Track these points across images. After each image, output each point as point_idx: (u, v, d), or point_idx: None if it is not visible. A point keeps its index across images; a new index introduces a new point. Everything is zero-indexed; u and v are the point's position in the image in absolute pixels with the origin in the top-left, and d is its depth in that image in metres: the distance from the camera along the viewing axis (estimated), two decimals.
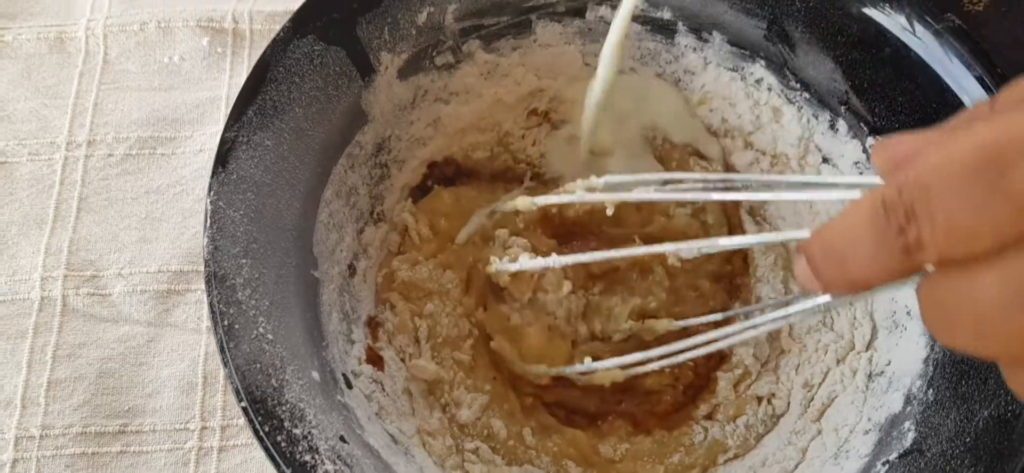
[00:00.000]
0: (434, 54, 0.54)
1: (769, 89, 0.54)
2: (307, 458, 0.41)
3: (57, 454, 0.50)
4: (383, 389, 0.49)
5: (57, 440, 0.51)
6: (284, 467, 0.40)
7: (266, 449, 0.40)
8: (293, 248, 0.47)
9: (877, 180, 0.30)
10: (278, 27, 0.63)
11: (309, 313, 0.47)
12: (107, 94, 0.62)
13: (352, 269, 0.52)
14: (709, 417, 0.52)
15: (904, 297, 0.48)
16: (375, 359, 0.51)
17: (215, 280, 0.44)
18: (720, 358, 0.54)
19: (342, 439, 0.43)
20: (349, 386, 0.48)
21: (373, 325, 0.52)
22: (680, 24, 0.55)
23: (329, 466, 0.41)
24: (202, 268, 0.54)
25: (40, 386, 0.52)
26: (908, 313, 0.48)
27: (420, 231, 0.55)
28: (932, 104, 0.48)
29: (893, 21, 0.48)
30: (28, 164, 0.59)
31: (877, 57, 0.49)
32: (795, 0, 0.51)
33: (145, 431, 0.51)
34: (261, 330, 0.43)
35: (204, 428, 0.52)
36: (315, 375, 0.45)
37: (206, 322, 0.54)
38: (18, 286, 0.55)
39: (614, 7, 0.52)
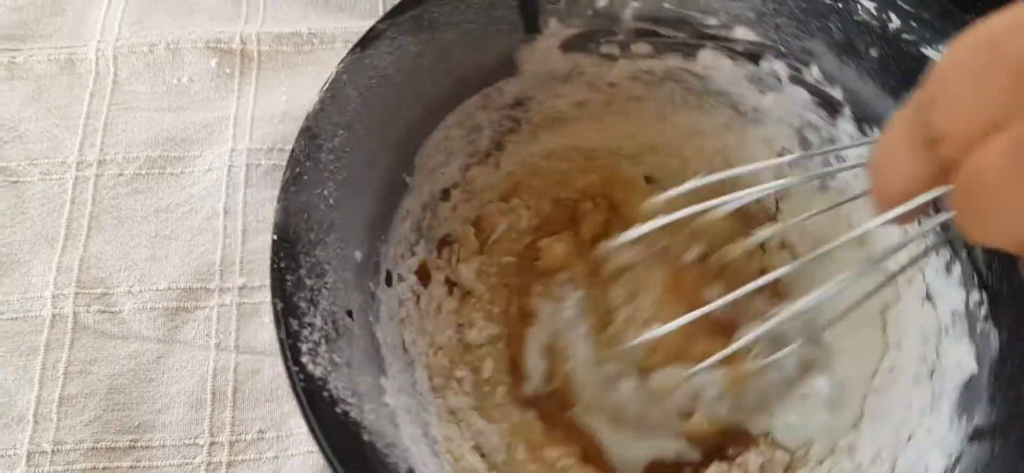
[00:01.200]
0: (602, 41, 0.54)
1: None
2: (302, 305, 0.42)
3: (69, 469, 0.51)
4: (417, 302, 0.52)
5: (68, 455, 0.52)
6: (276, 299, 0.41)
7: (272, 280, 0.41)
8: (395, 148, 0.49)
9: None
10: (286, 48, 0.66)
11: (383, 206, 0.49)
12: (117, 114, 0.63)
13: (446, 194, 0.54)
14: None
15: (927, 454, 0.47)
16: (425, 275, 0.54)
17: (306, 135, 0.46)
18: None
19: (349, 313, 0.43)
20: (388, 283, 0.49)
21: (442, 245, 0.54)
22: (848, 109, 0.52)
23: (318, 322, 0.41)
24: (210, 286, 0.57)
25: (52, 402, 0.53)
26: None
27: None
28: None
29: None
30: (39, 183, 0.60)
31: None
32: None
33: (155, 446, 0.52)
34: (326, 192, 0.45)
35: (213, 443, 0.53)
36: (358, 255, 0.46)
37: (215, 339, 0.55)
38: (30, 303, 0.56)
39: (794, 68, 0.52)
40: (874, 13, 0.49)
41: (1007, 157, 0.26)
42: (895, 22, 0.49)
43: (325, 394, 0.41)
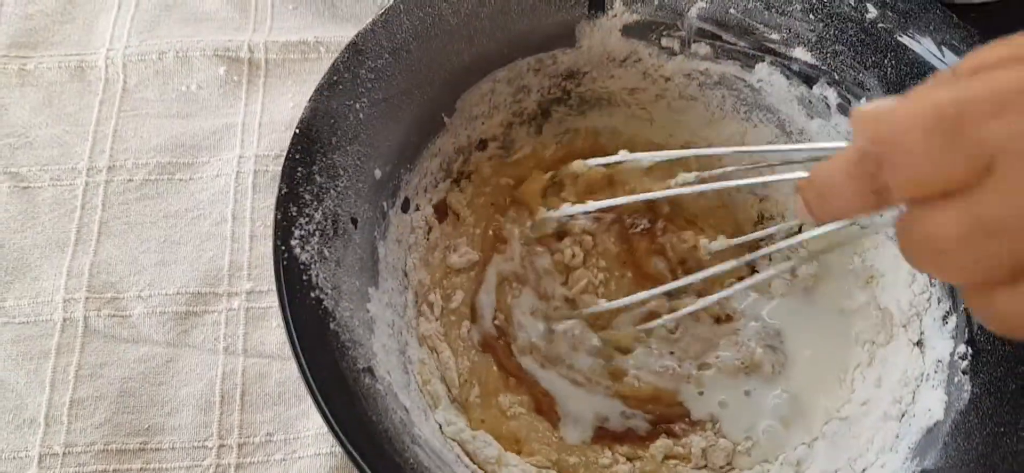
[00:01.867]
0: (664, 33, 0.56)
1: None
2: (306, 197, 0.44)
3: (79, 471, 0.52)
4: (427, 234, 0.54)
5: (79, 457, 0.52)
6: (283, 183, 0.44)
7: (284, 166, 0.44)
8: (439, 86, 0.51)
9: None
10: (293, 56, 0.67)
11: (414, 136, 0.51)
12: (126, 121, 0.64)
13: (483, 145, 0.56)
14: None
15: None
16: (442, 212, 0.56)
17: (352, 49, 0.48)
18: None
19: (353, 221, 0.46)
20: (405, 209, 0.52)
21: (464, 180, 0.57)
22: None
23: (318, 217, 0.44)
24: (219, 290, 0.57)
25: (63, 405, 0.54)
26: None
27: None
28: None
29: None
30: (50, 189, 0.61)
31: None
32: None
33: (164, 449, 0.53)
34: (358, 105, 0.47)
35: (222, 446, 0.53)
36: (378, 173, 0.48)
37: (223, 343, 0.56)
38: (41, 308, 0.57)
39: (844, 98, 0.52)
40: (933, 51, 0.50)
41: (961, 227, 0.29)
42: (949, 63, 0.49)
43: (304, 278, 0.43)
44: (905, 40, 0.51)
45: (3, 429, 0.53)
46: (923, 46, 0.50)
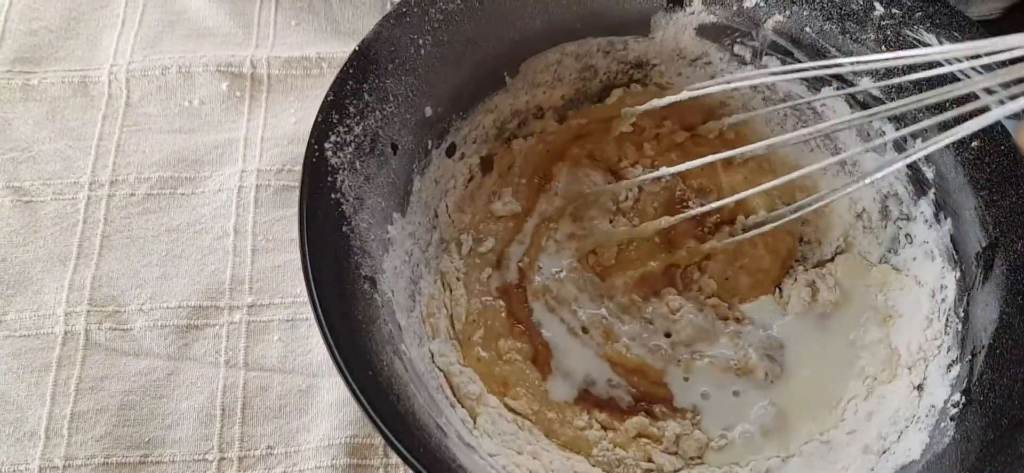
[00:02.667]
0: (737, 39, 0.56)
1: (944, 300, 0.52)
2: (351, 109, 0.46)
3: None
4: (467, 182, 0.56)
5: (80, 470, 0.52)
6: (331, 91, 0.46)
7: (337, 77, 0.46)
8: (506, 45, 0.53)
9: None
10: (295, 72, 0.67)
11: (473, 87, 0.52)
12: (129, 136, 0.64)
13: (541, 113, 0.57)
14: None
15: None
16: (488, 165, 0.57)
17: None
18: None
19: (393, 146, 0.47)
20: (450, 155, 0.53)
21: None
22: (932, 192, 0.53)
23: (358, 130, 0.46)
24: (220, 304, 0.58)
25: (63, 418, 0.54)
26: None
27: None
28: None
29: None
30: (52, 203, 0.61)
31: None
32: (1020, 241, 0.49)
33: (165, 462, 0.53)
34: (421, 41, 0.49)
35: (222, 459, 0.53)
36: (428, 111, 0.50)
37: (224, 356, 0.56)
38: (42, 321, 0.57)
39: (899, 132, 0.52)
40: (988, 97, 0.50)
41: None
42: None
43: (329, 179, 0.45)
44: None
45: (4, 442, 0.53)
46: (980, 92, 0.50)
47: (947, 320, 0.52)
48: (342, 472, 0.52)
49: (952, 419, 0.48)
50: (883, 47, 0.53)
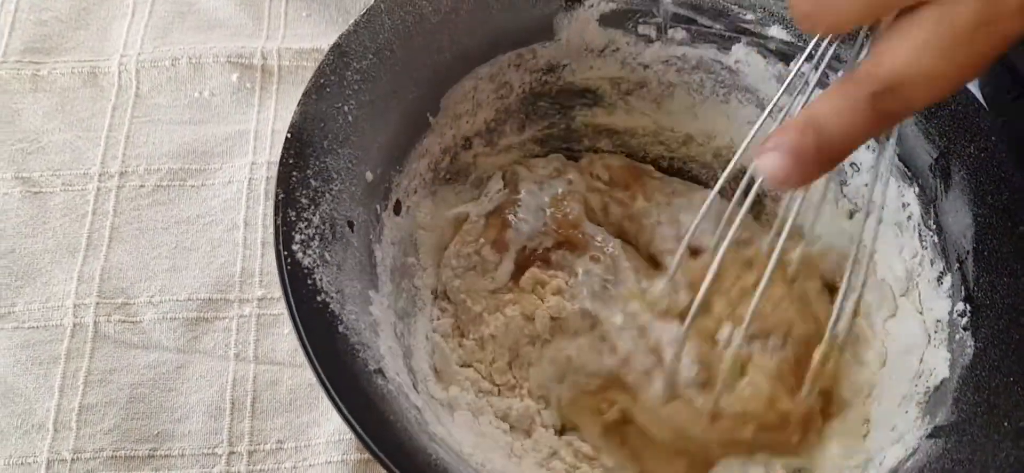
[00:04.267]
0: (639, 20, 0.56)
1: (909, 217, 0.52)
2: (303, 201, 0.44)
3: None
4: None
5: (88, 463, 0.52)
6: (279, 188, 0.44)
7: (278, 171, 0.44)
8: (423, 85, 0.51)
9: None
10: (306, 64, 0.67)
11: (402, 137, 0.51)
12: (139, 127, 0.64)
13: (469, 143, 0.56)
14: None
15: None
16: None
17: (336, 50, 0.48)
18: None
19: (350, 224, 0.46)
20: (397, 212, 0.51)
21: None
22: None
23: (316, 220, 0.44)
24: (230, 297, 0.57)
25: (72, 410, 0.53)
26: None
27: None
28: None
29: None
30: (61, 194, 0.61)
31: (1013, 230, 0.48)
32: (970, 145, 0.50)
33: (174, 455, 0.52)
34: (346, 108, 0.47)
35: (232, 453, 0.53)
36: (369, 175, 0.48)
37: (234, 349, 0.56)
38: (51, 313, 0.56)
39: (823, 73, 0.50)
40: None
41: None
42: None
43: (309, 282, 0.43)
44: None
45: (12, 434, 0.52)
46: None
47: (920, 235, 0.51)
48: (353, 467, 0.52)
49: (966, 330, 0.47)
50: None
